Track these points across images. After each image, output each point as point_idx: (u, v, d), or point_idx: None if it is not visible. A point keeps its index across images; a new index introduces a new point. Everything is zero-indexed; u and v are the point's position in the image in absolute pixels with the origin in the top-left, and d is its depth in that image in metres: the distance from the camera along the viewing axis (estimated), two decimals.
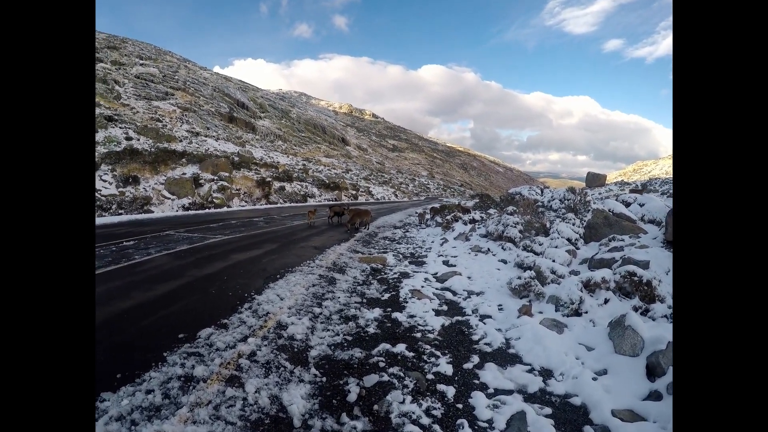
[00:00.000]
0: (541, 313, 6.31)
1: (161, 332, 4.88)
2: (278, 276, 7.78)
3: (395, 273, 8.86)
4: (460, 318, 6.18)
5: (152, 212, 21.18)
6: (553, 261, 8.62)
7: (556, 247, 9.98)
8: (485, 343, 5.28)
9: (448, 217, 16.50)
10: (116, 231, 13.11)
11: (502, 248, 10.97)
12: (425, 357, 4.76)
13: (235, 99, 79.52)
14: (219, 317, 5.41)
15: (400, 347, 4.93)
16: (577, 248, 10.20)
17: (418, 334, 5.43)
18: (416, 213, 26.16)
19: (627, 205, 12.94)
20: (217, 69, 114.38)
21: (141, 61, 68.28)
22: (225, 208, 25.56)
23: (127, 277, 7.17)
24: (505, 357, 4.95)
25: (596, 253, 8.98)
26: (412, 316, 6.08)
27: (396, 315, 6.05)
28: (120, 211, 20.09)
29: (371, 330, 5.45)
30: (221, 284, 6.98)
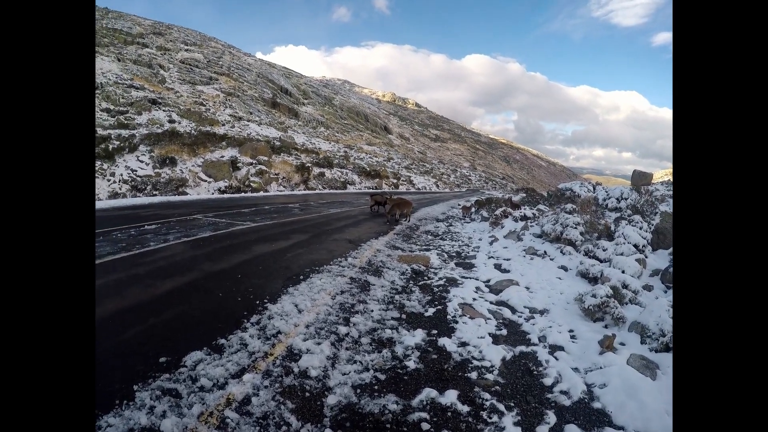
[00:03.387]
0: (623, 345, 4.93)
1: (141, 351, 3.77)
2: (302, 277, 6.55)
3: (440, 278, 7.46)
4: (524, 348, 4.79)
5: (187, 194, 20.58)
6: (623, 272, 7.15)
7: (621, 254, 8.44)
8: (561, 392, 3.90)
9: (497, 213, 14.96)
10: (143, 213, 12.34)
11: (561, 252, 9.43)
12: (484, 413, 3.40)
13: (278, 85, 79.17)
14: (216, 334, 4.22)
15: (451, 396, 3.59)
16: (645, 256, 8.65)
17: (474, 374, 4.07)
18: (459, 205, 24.67)
19: None
20: (259, 55, 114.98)
21: (186, 47, 68.68)
22: (261, 193, 24.77)
23: (132, 269, 6.18)
24: (589, 415, 3.59)
25: (671, 266, 7.50)
26: (463, 344, 4.71)
27: (443, 341, 4.69)
28: (155, 192, 19.57)
29: (411, 364, 4.11)
30: (232, 285, 5.82)
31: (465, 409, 3.45)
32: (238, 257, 7.45)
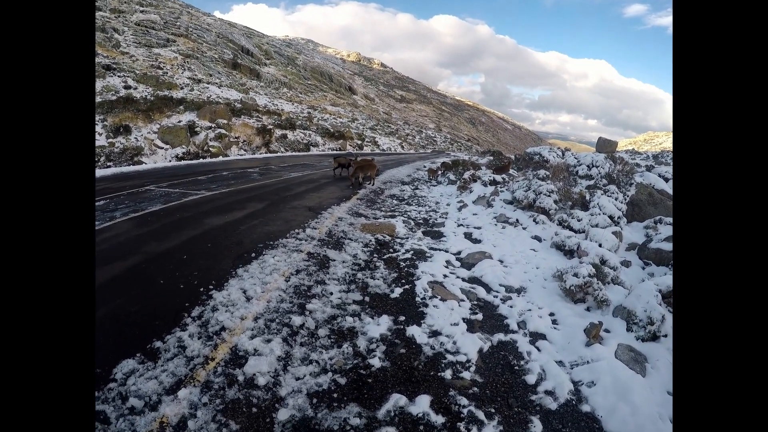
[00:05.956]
0: (608, 332, 4.54)
1: None
2: (253, 254, 5.99)
3: (407, 251, 6.98)
4: (503, 337, 4.37)
5: (143, 163, 19.37)
6: (600, 245, 6.78)
7: (597, 225, 8.13)
8: (546, 392, 3.54)
9: (466, 176, 14.55)
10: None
11: (534, 221, 9.03)
12: (462, 425, 2.99)
13: (239, 45, 75.86)
14: (152, 335, 3.66)
15: (422, 403, 3.16)
16: (621, 228, 8.40)
17: (448, 372, 3.63)
18: (425, 167, 24.15)
19: (666, 180, 11.09)
20: (218, 15, 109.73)
21: (141, 8, 64.79)
22: (221, 158, 23.61)
23: None
24: (578, 421, 3.25)
25: (648, 241, 7.33)
26: (435, 334, 4.26)
27: (412, 331, 4.23)
28: (108, 164, 18.28)
29: (376, 362, 3.65)
30: (176, 268, 5.22)
31: (440, 420, 3.04)
32: (187, 233, 6.81)
